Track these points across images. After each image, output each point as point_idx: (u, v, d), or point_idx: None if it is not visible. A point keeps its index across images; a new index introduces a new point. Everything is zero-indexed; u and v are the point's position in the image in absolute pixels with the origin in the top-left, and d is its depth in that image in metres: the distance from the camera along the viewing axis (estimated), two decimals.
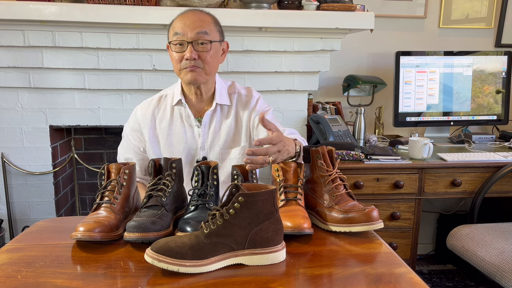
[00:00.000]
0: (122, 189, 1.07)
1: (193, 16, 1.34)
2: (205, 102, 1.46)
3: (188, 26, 1.31)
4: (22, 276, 0.84)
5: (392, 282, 0.82)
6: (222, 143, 1.46)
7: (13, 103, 2.05)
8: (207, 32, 1.32)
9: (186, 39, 1.30)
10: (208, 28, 1.33)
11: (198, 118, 1.46)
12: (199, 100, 1.45)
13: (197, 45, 1.31)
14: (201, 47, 1.31)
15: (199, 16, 1.34)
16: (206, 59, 1.33)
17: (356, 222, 1.02)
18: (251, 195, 0.85)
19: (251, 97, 1.49)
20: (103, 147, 2.45)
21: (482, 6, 2.58)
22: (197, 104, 1.45)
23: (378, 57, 2.56)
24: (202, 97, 1.44)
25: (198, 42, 1.31)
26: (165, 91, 1.52)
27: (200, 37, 1.31)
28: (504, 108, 2.49)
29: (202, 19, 1.33)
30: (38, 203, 2.17)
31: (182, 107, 1.46)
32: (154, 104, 1.48)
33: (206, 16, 1.36)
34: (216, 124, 1.46)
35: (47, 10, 1.85)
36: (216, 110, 1.46)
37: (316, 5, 2.05)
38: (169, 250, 0.83)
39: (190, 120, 1.45)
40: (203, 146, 1.45)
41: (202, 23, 1.32)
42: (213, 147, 1.46)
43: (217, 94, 1.44)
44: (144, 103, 1.51)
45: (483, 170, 2.03)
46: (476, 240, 1.87)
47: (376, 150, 2.06)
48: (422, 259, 2.73)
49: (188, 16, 1.34)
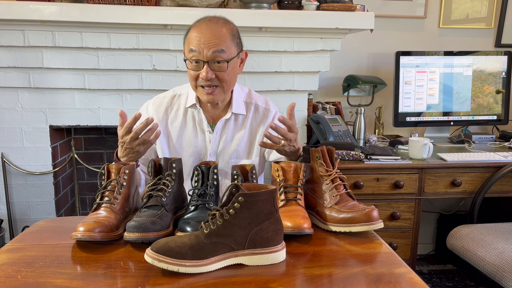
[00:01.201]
0: (122, 189, 1.07)
1: (209, 31, 1.25)
2: (220, 109, 1.43)
3: (204, 43, 1.24)
4: (22, 276, 0.84)
5: (392, 282, 0.82)
6: (232, 152, 1.43)
7: (13, 103, 2.05)
8: (224, 50, 1.25)
9: (202, 58, 1.25)
10: (225, 45, 1.26)
11: (211, 124, 1.43)
12: (214, 108, 1.41)
13: (213, 64, 1.26)
14: (217, 66, 1.27)
15: (216, 30, 1.26)
16: (223, 78, 1.28)
17: (356, 222, 1.02)
18: (251, 195, 0.85)
19: (268, 111, 1.46)
20: (103, 147, 2.45)
21: (482, 6, 2.58)
22: (211, 110, 1.42)
23: (378, 57, 2.56)
24: (217, 106, 1.41)
25: (215, 61, 1.26)
26: (178, 90, 1.48)
27: (216, 56, 1.25)
28: (504, 108, 2.49)
29: (219, 35, 1.25)
30: (38, 203, 2.17)
31: (195, 111, 1.43)
32: (167, 102, 1.45)
33: (222, 29, 1.27)
34: (229, 133, 1.43)
35: (47, 10, 1.85)
36: (231, 118, 1.43)
37: (316, 5, 2.05)
38: (169, 250, 0.83)
39: (203, 125, 1.43)
40: (212, 153, 1.43)
41: (218, 40, 1.25)
42: (222, 155, 1.43)
43: (234, 103, 1.41)
44: (156, 99, 1.47)
45: (483, 170, 2.03)
46: (476, 240, 1.87)
47: (376, 150, 2.06)
48: (422, 259, 2.73)
49: (204, 31, 1.26)
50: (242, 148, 1.45)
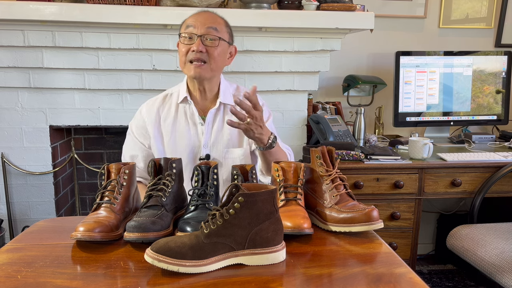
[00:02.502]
0: (122, 189, 1.07)
1: (206, 14, 1.40)
2: (209, 101, 1.48)
3: (200, 21, 1.35)
4: (22, 276, 0.84)
5: (392, 282, 0.82)
6: (225, 142, 1.47)
7: (13, 103, 2.05)
8: (217, 29, 1.36)
9: (196, 32, 1.34)
10: (219, 26, 1.38)
11: (202, 116, 1.47)
12: (203, 98, 1.47)
13: (206, 40, 1.34)
14: (209, 42, 1.35)
15: (212, 16, 1.40)
16: (213, 54, 1.35)
17: (356, 222, 1.02)
18: (251, 195, 0.85)
19: None
20: (103, 147, 2.45)
21: (482, 6, 2.58)
22: (201, 102, 1.47)
23: (378, 57, 2.56)
24: (206, 95, 1.46)
25: (207, 37, 1.34)
26: (170, 90, 1.54)
27: (209, 31, 1.35)
28: (504, 108, 2.49)
29: (215, 18, 1.39)
30: (38, 203, 2.17)
31: (187, 105, 1.48)
32: (159, 102, 1.50)
33: (218, 17, 1.42)
34: (219, 123, 1.48)
35: (47, 10, 1.85)
36: (220, 109, 1.48)
37: (316, 5, 2.05)
38: (169, 250, 0.83)
39: (194, 118, 1.47)
40: (206, 144, 1.46)
41: (214, 20, 1.38)
42: (216, 145, 1.47)
43: (221, 93, 1.46)
44: (149, 101, 1.53)
45: (483, 170, 2.03)
46: (476, 240, 1.87)
47: (376, 150, 2.06)
48: (422, 259, 2.73)
49: (202, 14, 1.40)
50: (234, 137, 1.48)
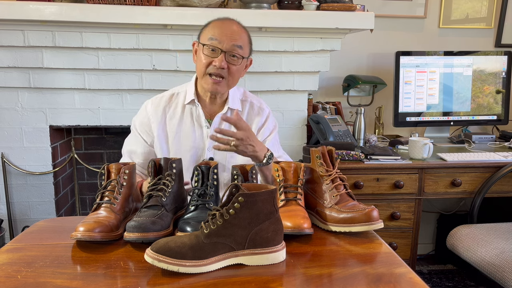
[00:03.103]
0: (122, 189, 1.07)
1: (232, 26, 1.35)
2: (217, 105, 1.47)
3: (226, 35, 1.32)
4: (22, 276, 0.84)
5: (392, 282, 0.82)
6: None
7: (13, 103, 2.05)
8: (242, 47, 1.34)
9: (221, 47, 1.31)
10: (243, 43, 1.35)
11: (208, 119, 1.47)
12: (212, 103, 1.46)
13: (229, 56, 1.33)
14: (231, 59, 1.33)
15: (238, 30, 1.36)
16: (232, 71, 1.35)
17: (356, 222, 1.02)
18: (251, 195, 0.85)
19: (262, 110, 1.52)
20: (103, 147, 2.45)
21: (482, 6, 2.58)
22: (209, 106, 1.47)
23: (378, 57, 2.56)
24: (216, 101, 1.46)
25: (231, 54, 1.33)
26: (176, 89, 1.52)
27: (234, 49, 1.32)
28: (504, 108, 2.49)
29: (240, 34, 1.35)
30: (38, 203, 2.17)
31: (193, 107, 1.47)
32: (165, 101, 1.49)
33: (243, 32, 1.38)
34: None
35: (47, 10, 1.85)
36: (227, 114, 1.46)
37: (316, 5, 2.05)
38: (169, 250, 0.83)
39: (201, 120, 1.46)
40: (210, 147, 1.45)
41: (239, 37, 1.34)
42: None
43: (230, 99, 1.46)
44: (154, 99, 1.51)
45: (483, 170, 2.03)
46: (476, 240, 1.87)
47: (376, 150, 2.06)
48: (422, 259, 2.73)
49: (227, 25, 1.35)
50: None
